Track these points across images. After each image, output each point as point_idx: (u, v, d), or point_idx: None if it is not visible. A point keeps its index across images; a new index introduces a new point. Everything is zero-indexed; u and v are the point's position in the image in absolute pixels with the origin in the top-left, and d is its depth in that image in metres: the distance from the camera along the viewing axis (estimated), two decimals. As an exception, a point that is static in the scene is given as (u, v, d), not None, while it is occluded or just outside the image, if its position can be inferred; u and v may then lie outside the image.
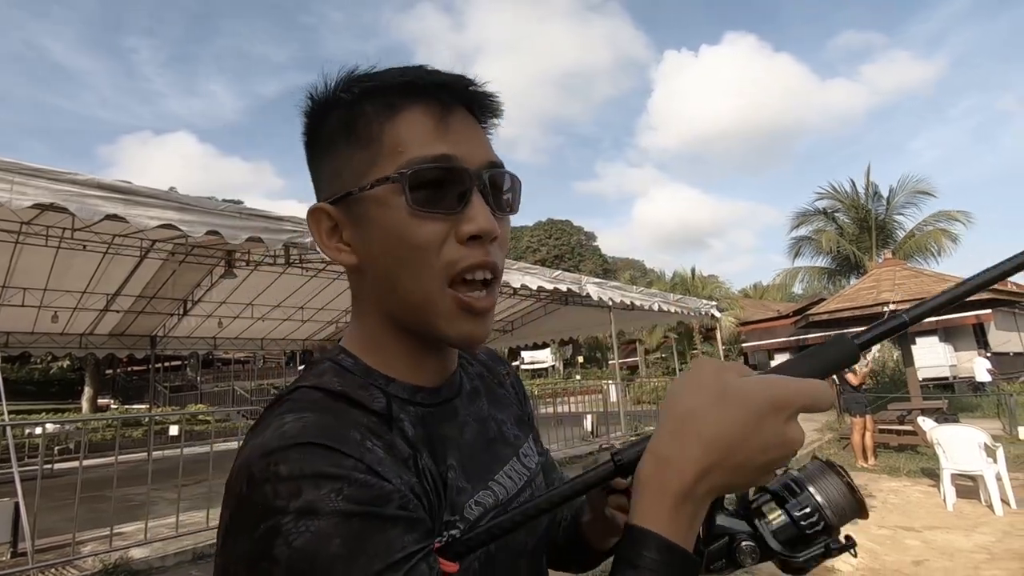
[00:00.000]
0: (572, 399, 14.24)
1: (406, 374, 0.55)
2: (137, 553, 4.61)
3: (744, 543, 0.43)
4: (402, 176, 0.49)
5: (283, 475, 0.40)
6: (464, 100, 0.54)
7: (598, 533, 0.67)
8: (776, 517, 0.44)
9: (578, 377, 28.37)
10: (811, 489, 0.44)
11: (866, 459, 7.80)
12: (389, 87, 0.52)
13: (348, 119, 0.53)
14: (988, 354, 16.84)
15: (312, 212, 0.55)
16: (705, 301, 13.79)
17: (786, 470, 0.46)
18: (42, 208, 4.50)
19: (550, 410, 11.81)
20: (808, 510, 0.43)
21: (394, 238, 0.50)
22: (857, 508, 0.44)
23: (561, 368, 34.09)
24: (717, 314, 13.84)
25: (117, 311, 10.75)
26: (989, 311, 17.38)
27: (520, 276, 8.43)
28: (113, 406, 20.39)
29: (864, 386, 8.12)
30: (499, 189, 0.54)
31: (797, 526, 0.43)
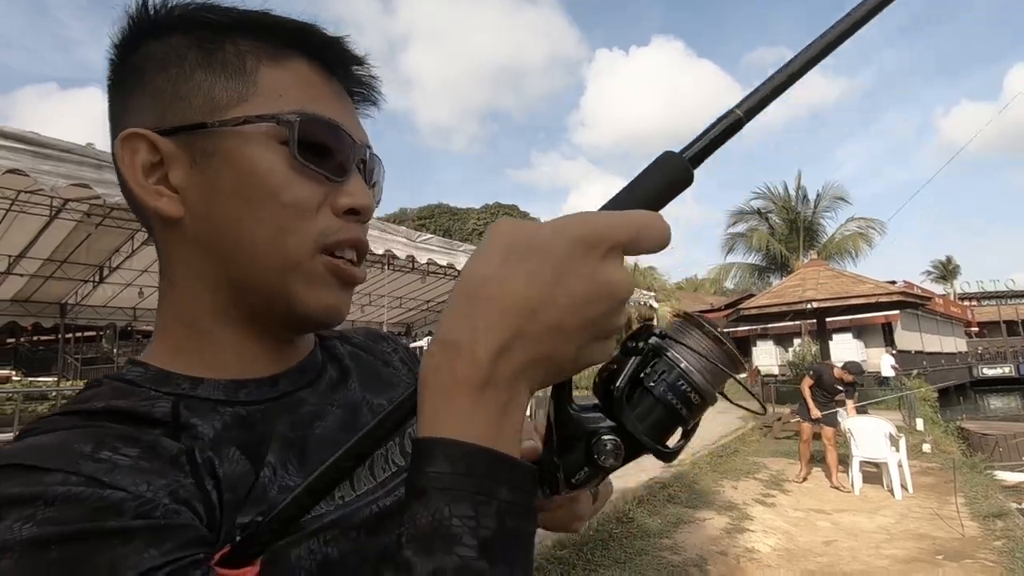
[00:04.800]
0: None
1: (228, 367, 0.47)
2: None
3: (604, 437, 0.34)
4: (292, 122, 0.44)
5: None
6: (346, 79, 0.51)
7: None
8: (639, 399, 0.35)
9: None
10: (672, 354, 0.35)
11: (813, 474, 6.70)
12: (278, 26, 0.46)
13: (211, 43, 0.45)
14: (894, 351, 18.32)
15: (127, 139, 0.44)
16: (645, 292, 14.19)
17: (645, 333, 0.36)
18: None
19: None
20: (678, 380, 0.34)
21: (260, 187, 0.44)
22: (729, 363, 0.35)
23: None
24: (655, 305, 14.28)
25: (21, 275, 9.78)
26: (897, 312, 18.89)
27: (433, 253, 8.20)
28: (15, 378, 18.74)
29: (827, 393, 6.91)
30: (371, 172, 0.52)
31: (665, 404, 0.34)
